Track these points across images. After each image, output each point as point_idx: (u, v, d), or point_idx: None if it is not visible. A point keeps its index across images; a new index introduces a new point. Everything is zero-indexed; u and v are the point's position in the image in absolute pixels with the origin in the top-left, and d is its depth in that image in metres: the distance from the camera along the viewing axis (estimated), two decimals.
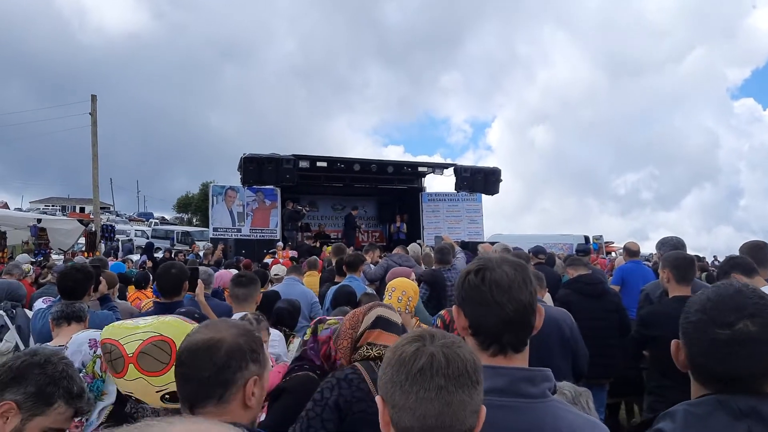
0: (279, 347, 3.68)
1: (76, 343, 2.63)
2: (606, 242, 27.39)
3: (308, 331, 2.71)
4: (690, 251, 5.52)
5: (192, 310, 3.32)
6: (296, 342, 4.17)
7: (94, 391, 2.41)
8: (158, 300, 4.23)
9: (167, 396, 2.10)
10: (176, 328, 2.07)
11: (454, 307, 1.56)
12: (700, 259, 12.99)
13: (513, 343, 1.46)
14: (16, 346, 4.34)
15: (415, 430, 1.20)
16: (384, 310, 2.37)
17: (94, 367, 2.50)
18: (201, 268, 5.93)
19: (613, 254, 21.82)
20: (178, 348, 1.68)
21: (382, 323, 2.30)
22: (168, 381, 2.05)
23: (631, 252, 7.46)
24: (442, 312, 4.04)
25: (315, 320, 2.73)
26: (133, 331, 2.14)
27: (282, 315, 4.19)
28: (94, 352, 2.55)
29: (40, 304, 5.38)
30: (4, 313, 4.50)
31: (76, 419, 2.26)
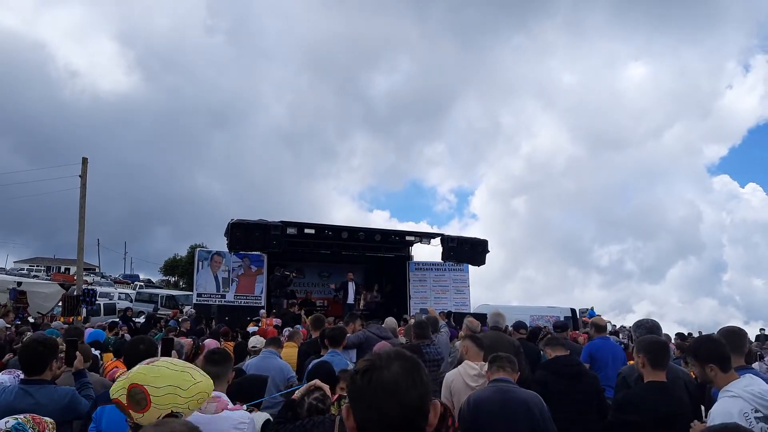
0: (248, 429, 3.50)
1: None
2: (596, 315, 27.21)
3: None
4: (675, 325, 5.50)
5: None
6: (254, 415, 3.98)
7: None
8: None
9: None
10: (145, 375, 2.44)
11: (344, 405, 1.52)
12: (684, 337, 12.90)
13: None
14: None
15: None
16: None
17: None
18: (177, 338, 5.85)
19: None
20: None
21: None
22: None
23: (598, 327, 7.41)
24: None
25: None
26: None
27: (231, 392, 4.05)
28: None
29: (2, 377, 5.21)
30: None
31: None
